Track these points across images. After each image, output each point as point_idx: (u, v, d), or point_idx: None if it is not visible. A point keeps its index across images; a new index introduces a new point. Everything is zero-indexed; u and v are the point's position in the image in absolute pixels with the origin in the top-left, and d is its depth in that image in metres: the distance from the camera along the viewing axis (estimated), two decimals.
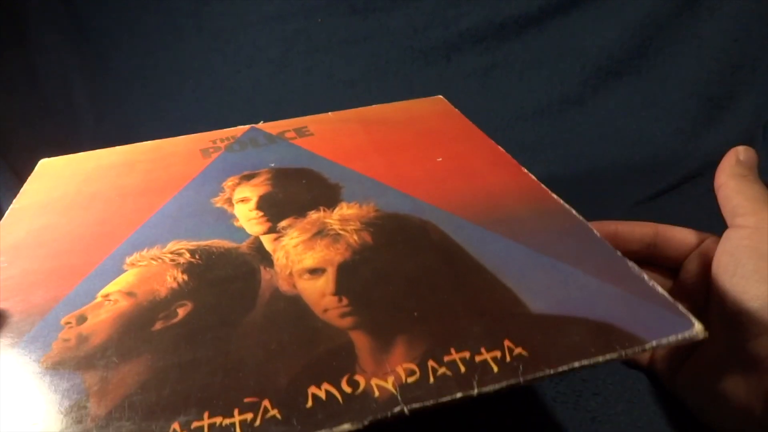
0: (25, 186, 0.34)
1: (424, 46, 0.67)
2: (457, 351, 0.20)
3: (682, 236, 0.31)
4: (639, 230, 0.33)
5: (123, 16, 0.67)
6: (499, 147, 0.34)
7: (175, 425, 0.18)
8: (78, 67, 0.67)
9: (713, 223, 0.30)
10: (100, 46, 0.68)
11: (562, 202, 0.28)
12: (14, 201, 0.33)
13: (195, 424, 0.18)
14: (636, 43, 0.63)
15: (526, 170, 0.31)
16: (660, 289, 0.22)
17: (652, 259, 0.33)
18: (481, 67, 0.67)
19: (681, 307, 0.21)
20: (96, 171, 0.36)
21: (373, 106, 0.43)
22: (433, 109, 0.42)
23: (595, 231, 0.26)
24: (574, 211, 0.27)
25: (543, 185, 0.30)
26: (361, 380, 0.19)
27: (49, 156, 0.38)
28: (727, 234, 0.26)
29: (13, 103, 0.62)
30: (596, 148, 0.62)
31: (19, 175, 0.52)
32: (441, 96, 0.44)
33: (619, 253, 0.24)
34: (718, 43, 0.60)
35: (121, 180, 0.34)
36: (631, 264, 0.23)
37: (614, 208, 0.52)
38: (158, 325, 0.22)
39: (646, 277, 0.22)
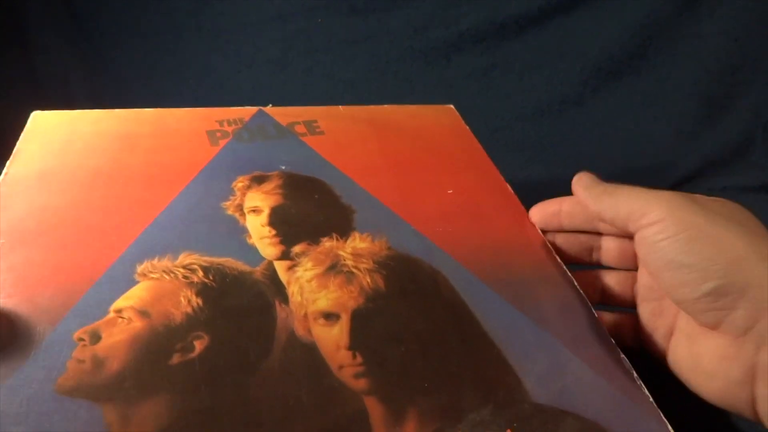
0: (19, 144, 0.32)
1: (424, 46, 0.67)
2: None
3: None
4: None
5: (123, 16, 0.67)
6: (506, 183, 0.35)
7: None
8: (78, 67, 0.67)
9: None
10: (100, 46, 0.68)
11: (564, 267, 0.30)
12: (8, 163, 0.30)
13: None
14: (636, 43, 0.62)
15: (531, 219, 0.33)
16: (645, 390, 0.24)
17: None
18: (481, 67, 0.66)
19: (662, 416, 0.23)
20: (95, 140, 0.34)
21: (385, 106, 0.42)
22: (443, 120, 0.42)
23: (592, 309, 0.27)
24: (575, 281, 0.29)
25: (548, 242, 0.31)
26: None
27: None
28: (639, 238, 0.26)
29: (13, 103, 0.61)
30: (596, 148, 0.62)
31: None
32: (452, 106, 0.44)
33: (612, 341, 0.26)
34: (718, 43, 0.60)
35: (123, 157, 0.32)
36: (622, 356, 0.25)
37: None
38: (176, 359, 0.22)
39: (634, 374, 0.24)
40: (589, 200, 0.29)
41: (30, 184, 0.29)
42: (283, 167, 0.34)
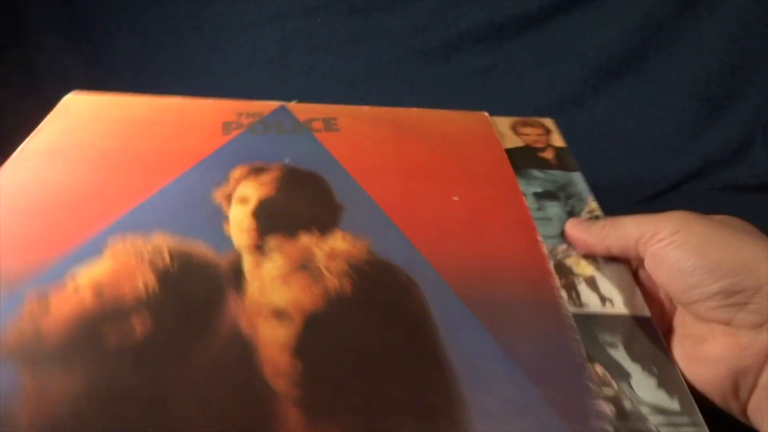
0: (43, 123, 0.33)
1: (424, 46, 0.67)
2: None
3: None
4: None
5: (123, 16, 0.67)
6: (523, 198, 0.33)
7: None
8: (78, 67, 0.67)
9: None
10: (100, 46, 0.68)
11: (560, 293, 0.27)
12: (28, 138, 0.31)
13: None
14: (636, 44, 0.63)
15: (539, 238, 0.30)
16: None
17: None
18: (481, 67, 0.67)
19: None
20: (115, 124, 0.34)
21: (412, 108, 0.40)
22: (472, 127, 0.39)
23: (580, 343, 0.24)
24: (569, 311, 0.26)
25: (550, 266, 0.28)
26: None
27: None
28: (650, 254, 0.26)
29: (13, 103, 0.62)
30: (596, 148, 0.62)
31: None
32: (485, 113, 0.41)
33: (591, 387, 0.23)
34: (718, 43, 0.60)
35: (136, 142, 0.33)
36: (602, 407, 0.22)
37: (614, 208, 0.52)
38: (112, 341, 0.22)
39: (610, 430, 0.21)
40: (595, 239, 0.29)
41: (39, 160, 0.30)
42: (287, 160, 0.33)
